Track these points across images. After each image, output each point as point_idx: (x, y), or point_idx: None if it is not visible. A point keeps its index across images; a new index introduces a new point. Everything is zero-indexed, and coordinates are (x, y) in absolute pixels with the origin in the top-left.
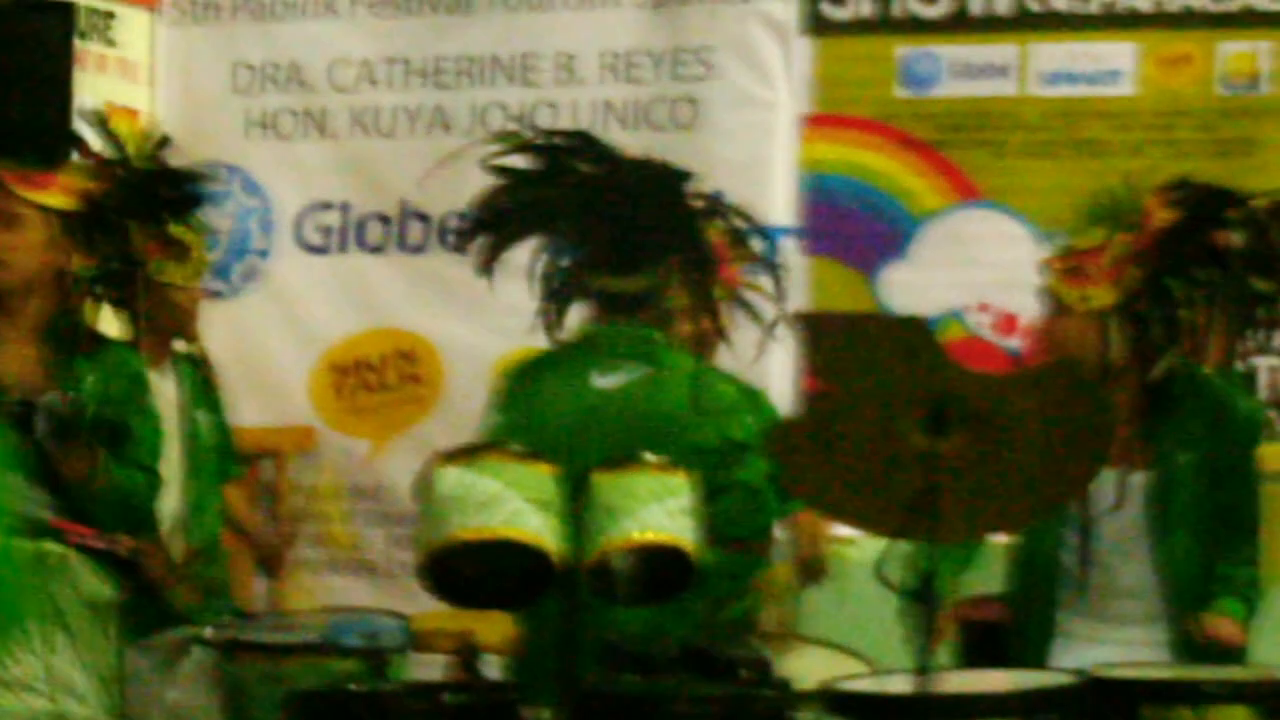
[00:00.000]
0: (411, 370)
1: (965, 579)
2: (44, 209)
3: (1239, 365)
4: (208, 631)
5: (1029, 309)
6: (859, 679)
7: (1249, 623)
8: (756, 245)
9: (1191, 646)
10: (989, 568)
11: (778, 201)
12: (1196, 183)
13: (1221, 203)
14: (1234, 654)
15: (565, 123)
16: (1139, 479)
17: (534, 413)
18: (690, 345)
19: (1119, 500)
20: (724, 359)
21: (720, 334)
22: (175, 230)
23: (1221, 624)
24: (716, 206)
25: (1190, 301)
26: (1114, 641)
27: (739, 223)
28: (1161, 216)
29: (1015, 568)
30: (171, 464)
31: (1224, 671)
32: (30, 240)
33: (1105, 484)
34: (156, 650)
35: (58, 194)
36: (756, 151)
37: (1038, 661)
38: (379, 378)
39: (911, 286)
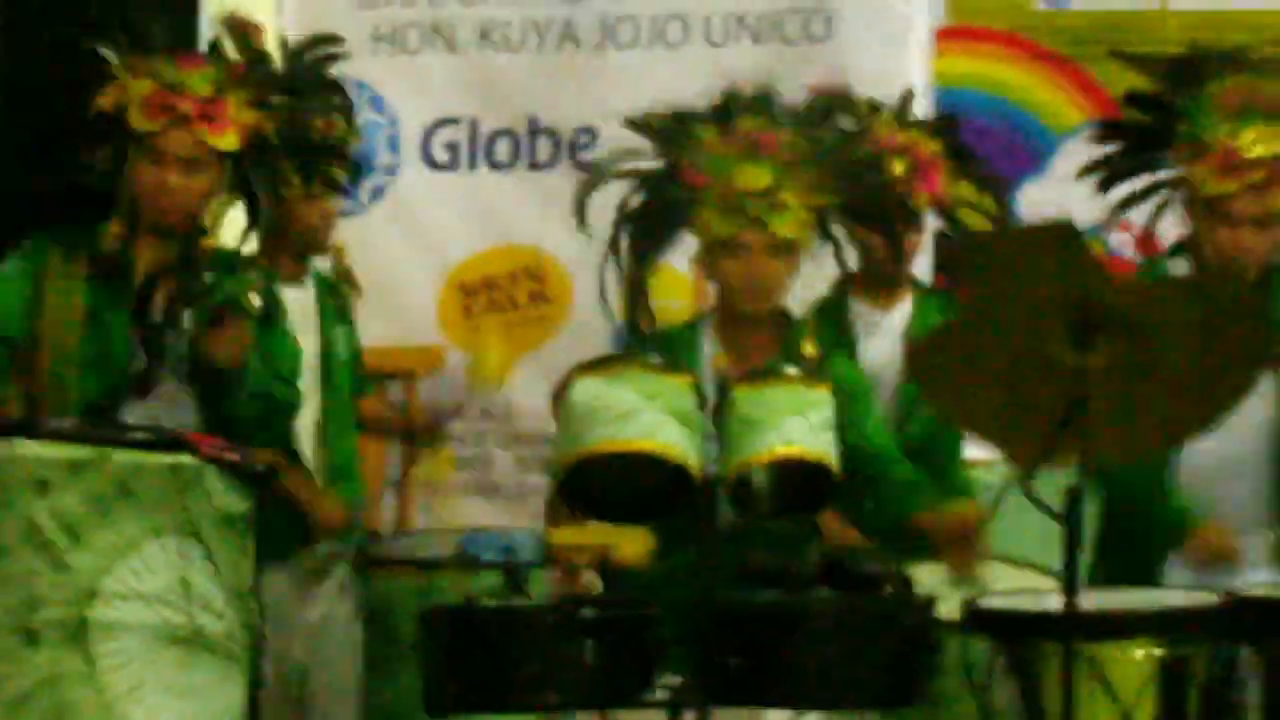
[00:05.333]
0: (539, 289)
1: None
2: (218, 152)
3: None
4: (349, 549)
5: (1171, 226)
6: (1001, 597)
7: None
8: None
9: None
10: None
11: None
12: None
13: None
14: None
15: (696, 36)
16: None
17: None
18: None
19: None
20: None
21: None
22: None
23: None
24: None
25: None
26: None
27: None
28: None
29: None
30: (306, 379)
31: None
32: (203, 184)
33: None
34: (296, 568)
35: (230, 134)
36: (890, 64)
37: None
38: (507, 296)
39: (1050, 204)
